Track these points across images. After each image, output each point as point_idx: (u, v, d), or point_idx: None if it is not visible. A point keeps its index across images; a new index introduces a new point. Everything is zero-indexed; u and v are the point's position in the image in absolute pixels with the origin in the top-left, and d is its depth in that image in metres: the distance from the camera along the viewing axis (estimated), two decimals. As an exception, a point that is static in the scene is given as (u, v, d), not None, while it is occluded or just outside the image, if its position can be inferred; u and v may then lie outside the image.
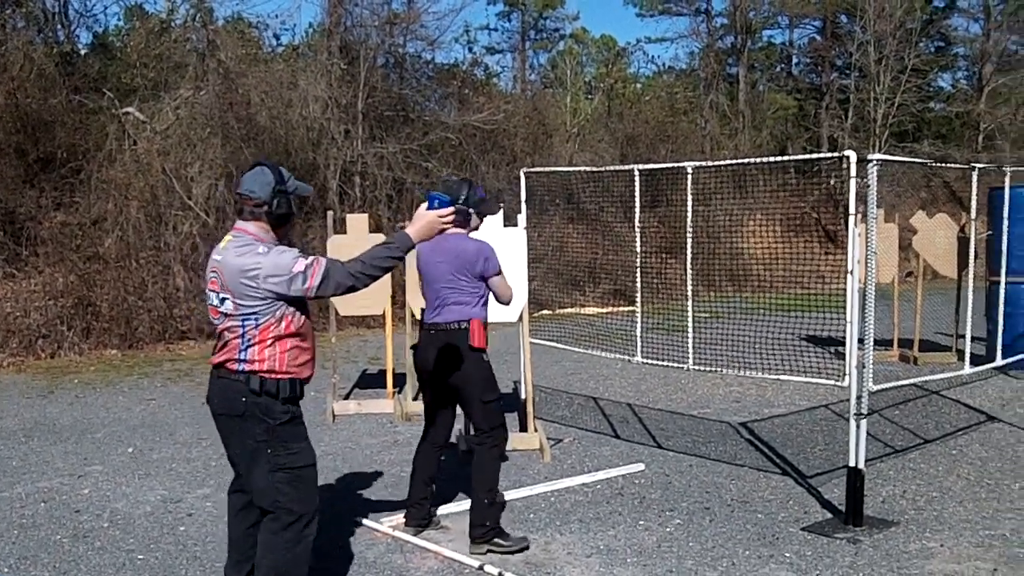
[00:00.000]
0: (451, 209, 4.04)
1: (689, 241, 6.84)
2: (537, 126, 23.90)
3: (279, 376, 3.88)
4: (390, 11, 21.69)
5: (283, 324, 3.85)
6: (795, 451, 7.59)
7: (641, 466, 7.14)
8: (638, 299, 7.51)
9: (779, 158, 7.65)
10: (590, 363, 11.68)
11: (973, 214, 7.64)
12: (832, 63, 34.28)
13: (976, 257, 10.82)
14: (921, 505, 6.19)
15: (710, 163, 7.38)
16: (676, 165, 6.95)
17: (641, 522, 5.86)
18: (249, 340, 3.84)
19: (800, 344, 9.97)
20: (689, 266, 6.86)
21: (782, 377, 7.12)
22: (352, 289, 3.82)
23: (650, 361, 7.15)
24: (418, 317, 9.25)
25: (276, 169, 3.94)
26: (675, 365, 7.10)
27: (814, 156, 8.07)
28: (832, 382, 6.20)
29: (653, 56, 57.55)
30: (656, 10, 35.76)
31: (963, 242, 11.36)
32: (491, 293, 5.42)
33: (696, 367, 6.88)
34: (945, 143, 31.70)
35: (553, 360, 12.03)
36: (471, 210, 5.37)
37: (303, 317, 3.94)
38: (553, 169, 9.12)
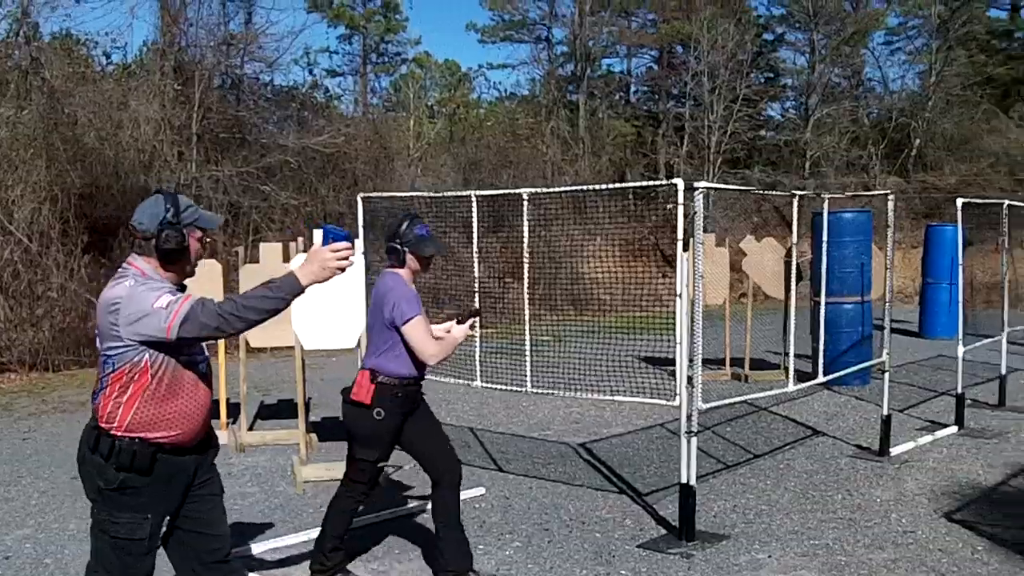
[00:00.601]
0: (346, 244, 3.35)
1: (526, 266, 6.92)
2: (379, 150, 23.74)
3: (117, 435, 3.36)
4: (227, 31, 21.31)
5: (139, 374, 3.33)
6: (632, 470, 7.74)
7: (482, 490, 7.15)
8: (477, 323, 7.53)
9: (611, 185, 7.85)
10: (432, 388, 11.53)
11: (794, 238, 7.97)
12: (668, 92, 35.39)
13: (801, 279, 11.31)
14: (751, 518, 6.40)
15: (545, 189, 7.49)
16: (512, 191, 7.03)
17: (480, 546, 5.86)
18: (101, 385, 3.39)
19: (638, 365, 10.20)
20: (526, 289, 6.95)
21: (618, 398, 7.25)
22: (220, 333, 3.29)
23: (490, 385, 7.17)
24: (253, 344, 9.09)
25: (172, 198, 3.48)
26: (514, 389, 7.15)
27: (644, 184, 8.32)
28: (664, 401, 6.35)
29: (495, 82, 58.31)
30: (498, 37, 36.22)
31: (789, 264, 11.85)
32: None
33: (535, 390, 6.95)
34: (775, 169, 33.04)
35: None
36: (405, 249, 4.96)
37: (176, 367, 3.41)
38: (391, 194, 9.07)
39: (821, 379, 7.95)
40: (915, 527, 6.19)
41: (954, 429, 9.09)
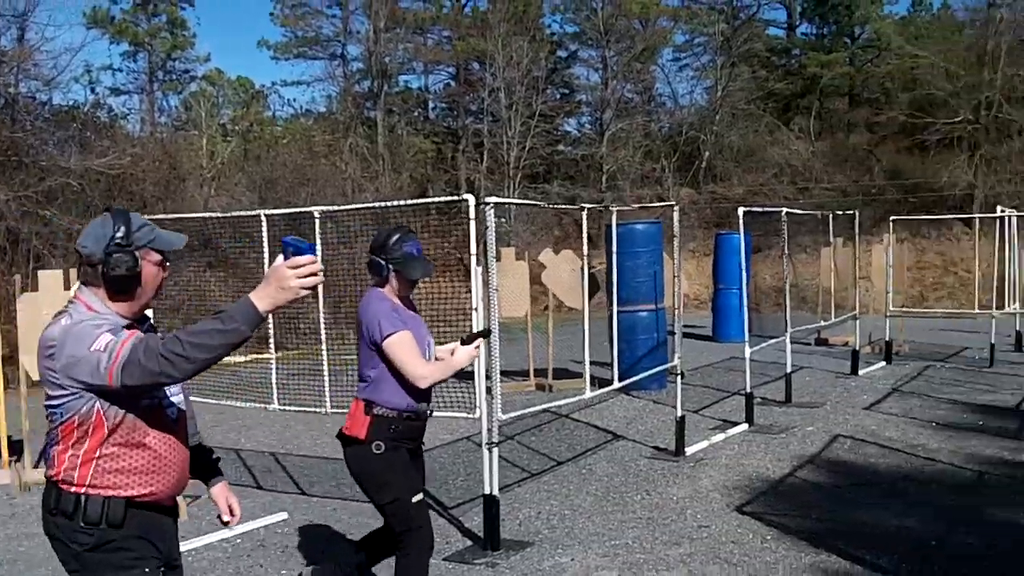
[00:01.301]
0: (310, 258, 2.64)
1: (320, 286, 6.82)
2: (168, 170, 22.94)
3: (80, 491, 2.85)
4: (-2, 47, 20.15)
5: (93, 427, 2.82)
6: (438, 484, 7.74)
7: (284, 515, 7.00)
8: (272, 344, 7.40)
9: (403, 201, 7.85)
10: (231, 414, 11.32)
11: (585, 249, 8.20)
12: (467, 108, 35.82)
13: (598, 289, 11.63)
14: (555, 524, 6.52)
15: (337, 207, 7.47)
16: (304, 210, 6.95)
17: (283, 572, 5.74)
18: (52, 438, 2.89)
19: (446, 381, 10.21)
20: (322, 308, 6.87)
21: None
22: (166, 378, 2.64)
23: (288, 408, 7.05)
24: (35, 377, 8.60)
25: (123, 216, 2.92)
26: (311, 410, 7.05)
27: (438, 199, 8.37)
28: (465, 414, 6.40)
29: (290, 99, 57.47)
30: (291, 53, 35.81)
31: (590, 277, 12.18)
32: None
33: (335, 410, 6.86)
34: (573, 183, 33.92)
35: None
36: (389, 266, 4.27)
37: (138, 415, 2.87)
38: (177, 216, 8.80)
39: (617, 384, 8.20)
40: (709, 521, 6.45)
41: (745, 427, 9.55)
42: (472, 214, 5.85)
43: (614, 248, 8.93)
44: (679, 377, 8.57)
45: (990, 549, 5.70)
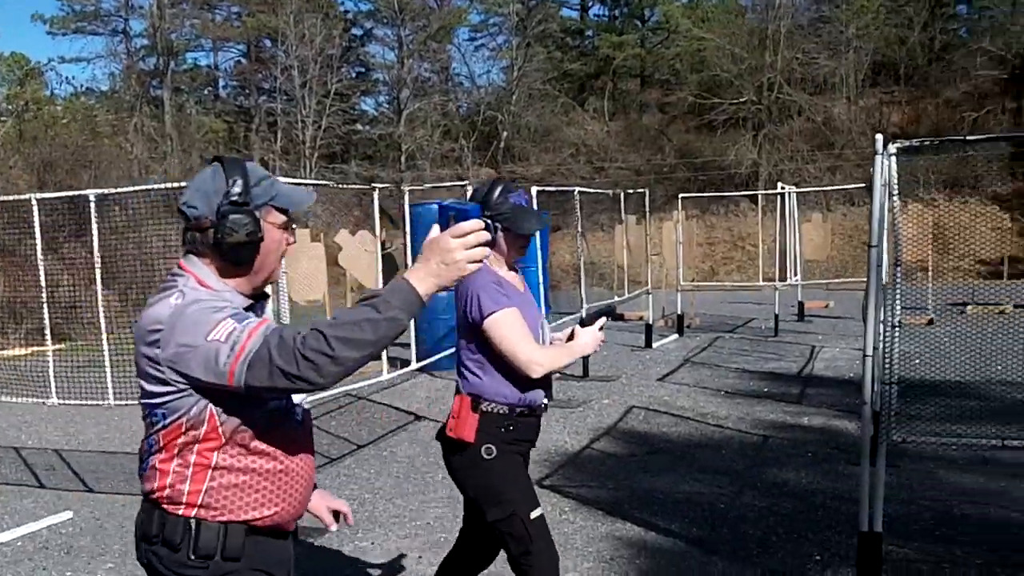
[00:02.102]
0: (477, 223, 2.10)
1: (99, 272, 6.48)
2: (-65, 153, 21.42)
3: (190, 513, 2.25)
4: None
5: (205, 432, 2.22)
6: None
7: (69, 514, 6.61)
8: (48, 336, 6.97)
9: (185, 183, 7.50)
10: (9, 411, 10.64)
11: (377, 229, 8.12)
12: (259, 87, 34.93)
13: (397, 269, 11.53)
14: (355, 508, 6.40)
15: (116, 190, 7.09)
16: (79, 193, 6.56)
17: (68, 573, 5.42)
18: (151, 445, 2.28)
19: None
20: (100, 296, 6.51)
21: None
22: (304, 383, 2.03)
23: (68, 401, 6.65)
24: None
25: (238, 167, 2.30)
26: (94, 403, 6.68)
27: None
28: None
29: (70, 77, 54.50)
30: (69, 28, 33.90)
31: (387, 257, 12.05)
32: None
33: (118, 402, 6.53)
34: (372, 163, 33.66)
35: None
36: (496, 224, 3.39)
37: (260, 420, 2.27)
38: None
39: (416, 365, 8.15)
40: (509, 497, 6.49)
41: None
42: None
43: (407, 228, 8.85)
44: (476, 355, 8.59)
45: (772, 509, 5.97)
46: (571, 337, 3.58)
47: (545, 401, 3.57)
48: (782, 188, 17.18)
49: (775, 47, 32.01)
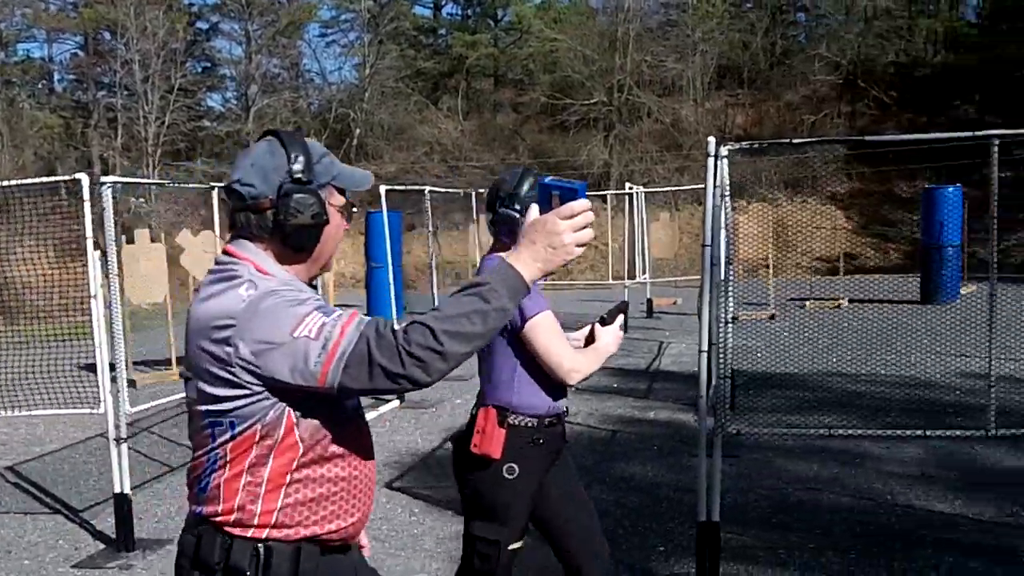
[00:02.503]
0: (584, 203, 1.97)
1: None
2: None
3: (260, 535, 1.98)
4: None
5: (281, 439, 1.96)
6: (67, 486, 7.18)
7: None
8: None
9: (14, 181, 7.16)
10: None
11: (217, 229, 7.89)
12: (98, 81, 33.60)
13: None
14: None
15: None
16: None
17: None
18: (212, 461, 1.99)
19: (76, 374, 9.47)
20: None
21: (36, 412, 6.71)
22: (411, 384, 1.84)
23: None
24: None
25: (298, 142, 2.06)
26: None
27: (41, 180, 7.61)
28: (89, 410, 5.95)
29: None
30: None
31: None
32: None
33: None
34: (220, 161, 32.84)
35: None
36: (521, 218, 2.88)
37: (336, 424, 2.03)
38: None
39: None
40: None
41: (396, 403, 9.60)
42: (87, 195, 5.39)
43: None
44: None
45: (619, 502, 6.07)
46: (590, 337, 3.31)
47: (566, 405, 3.36)
48: (630, 188, 17.52)
49: (624, 49, 32.62)
